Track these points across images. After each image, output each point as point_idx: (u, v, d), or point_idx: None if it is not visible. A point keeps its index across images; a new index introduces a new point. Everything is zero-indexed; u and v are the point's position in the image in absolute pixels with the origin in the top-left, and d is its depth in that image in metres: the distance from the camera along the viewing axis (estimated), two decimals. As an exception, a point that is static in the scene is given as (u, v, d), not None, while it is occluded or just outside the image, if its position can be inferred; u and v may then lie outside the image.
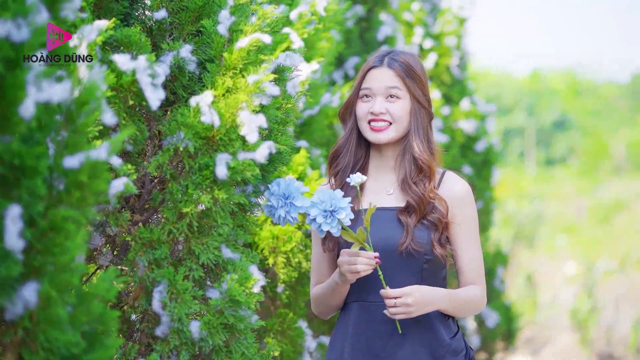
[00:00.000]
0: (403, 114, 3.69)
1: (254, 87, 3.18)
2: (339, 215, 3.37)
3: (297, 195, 3.40)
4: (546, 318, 13.97)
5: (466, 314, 3.76)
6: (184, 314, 3.12)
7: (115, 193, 2.98)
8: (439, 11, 9.32)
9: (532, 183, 27.88)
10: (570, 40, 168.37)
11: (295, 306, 4.44)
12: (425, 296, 3.55)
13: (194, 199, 3.15)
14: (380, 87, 3.71)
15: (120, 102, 3.07)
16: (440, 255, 3.61)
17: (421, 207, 3.63)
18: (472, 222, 3.71)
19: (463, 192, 3.71)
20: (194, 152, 3.17)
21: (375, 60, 3.77)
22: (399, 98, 3.69)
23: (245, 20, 3.30)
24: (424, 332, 3.61)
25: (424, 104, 3.71)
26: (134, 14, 3.35)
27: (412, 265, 3.61)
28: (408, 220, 3.61)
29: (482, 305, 3.75)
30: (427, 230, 3.61)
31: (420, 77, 3.72)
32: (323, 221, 3.38)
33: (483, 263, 3.75)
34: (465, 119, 8.86)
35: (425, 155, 3.66)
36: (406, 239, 3.58)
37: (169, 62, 3.25)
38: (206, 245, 3.21)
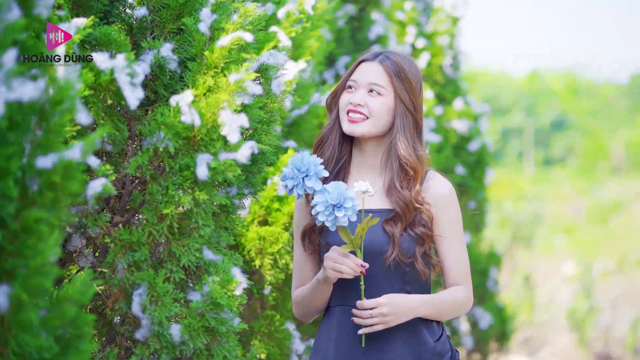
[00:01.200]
0: (383, 110, 3.63)
1: (236, 86, 3.13)
2: (338, 213, 3.32)
3: (312, 175, 3.34)
4: (544, 318, 13.92)
5: (452, 316, 3.72)
6: (164, 317, 3.07)
7: (93, 194, 2.93)
8: (432, 10, 9.27)
9: (531, 183, 27.86)
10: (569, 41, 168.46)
11: (283, 308, 4.38)
12: (402, 305, 3.52)
13: (174, 200, 3.10)
14: (365, 80, 3.66)
15: (99, 101, 3.02)
16: (421, 270, 3.58)
17: (407, 214, 3.58)
18: (456, 223, 3.66)
19: (446, 191, 3.66)
20: (174, 153, 3.12)
21: (369, 54, 3.73)
22: (380, 95, 3.64)
23: (227, 18, 3.24)
24: (408, 336, 3.57)
25: (410, 109, 3.65)
26: (114, 12, 3.30)
27: (395, 270, 3.58)
28: (394, 230, 3.57)
29: (468, 305, 3.71)
30: (413, 241, 3.58)
31: (409, 81, 3.66)
32: (322, 211, 3.33)
33: (468, 263, 3.70)
34: (459, 118, 8.81)
35: (412, 159, 3.61)
36: (393, 251, 3.55)
37: (150, 61, 3.20)
38: (187, 247, 3.16)
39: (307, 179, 3.34)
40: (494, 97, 36.13)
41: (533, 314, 13.92)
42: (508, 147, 34.42)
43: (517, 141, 34.40)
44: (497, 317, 9.06)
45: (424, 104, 8.02)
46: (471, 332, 8.81)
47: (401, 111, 3.64)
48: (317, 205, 3.33)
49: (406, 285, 3.59)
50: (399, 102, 3.64)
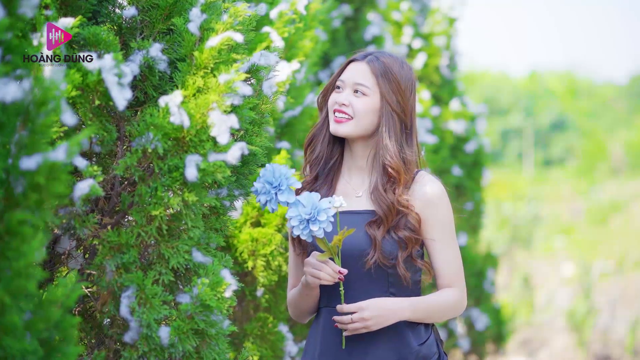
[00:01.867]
0: (366, 111, 3.61)
1: (225, 86, 3.10)
2: (313, 227, 3.33)
3: (285, 188, 3.35)
4: (543, 319, 13.89)
5: (443, 319, 3.68)
6: (152, 320, 3.04)
7: (81, 195, 2.90)
8: (428, 11, 9.24)
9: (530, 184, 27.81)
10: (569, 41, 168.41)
11: (276, 310, 4.36)
12: (384, 309, 3.50)
13: (163, 201, 3.07)
14: (351, 80, 3.65)
15: (86, 102, 2.99)
16: (402, 275, 3.55)
17: (389, 217, 3.56)
18: (446, 224, 3.63)
19: (434, 192, 3.62)
20: (163, 154, 3.09)
21: (359, 54, 3.72)
22: (365, 95, 3.62)
23: (216, 18, 3.22)
24: (391, 339, 3.55)
25: (396, 110, 3.62)
26: (103, 12, 3.27)
27: (377, 273, 3.56)
28: (376, 233, 3.55)
29: (461, 308, 3.68)
30: (395, 245, 3.55)
31: (397, 83, 3.63)
32: (297, 225, 3.33)
33: (461, 265, 3.67)
34: (455, 119, 8.77)
35: (395, 160, 3.58)
36: (374, 255, 3.53)
37: (139, 62, 3.17)
38: (176, 249, 3.13)
39: (280, 194, 3.35)
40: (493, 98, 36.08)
41: (532, 315, 13.88)
42: (507, 147, 34.37)
43: (516, 142, 34.33)
44: (494, 318, 9.03)
45: (420, 104, 8.05)
46: (467, 333, 8.78)
47: (387, 112, 3.62)
48: (291, 220, 3.34)
49: (391, 288, 3.57)
50: (384, 103, 3.62)
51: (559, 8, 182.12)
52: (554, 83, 39.40)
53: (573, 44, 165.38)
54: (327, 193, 3.70)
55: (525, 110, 35.76)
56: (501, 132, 34.54)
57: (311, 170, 3.75)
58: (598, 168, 31.05)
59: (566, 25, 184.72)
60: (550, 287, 15.58)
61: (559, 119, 36.17)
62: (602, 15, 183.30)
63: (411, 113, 3.68)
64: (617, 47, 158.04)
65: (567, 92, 38.29)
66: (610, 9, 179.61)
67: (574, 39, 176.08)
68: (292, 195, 3.36)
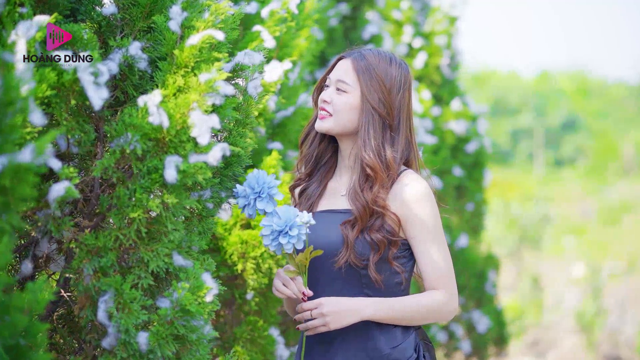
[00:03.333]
0: (345, 108, 3.56)
1: (206, 86, 3.02)
2: (282, 240, 3.29)
3: (265, 196, 3.31)
4: (551, 320, 13.84)
5: (425, 322, 3.56)
6: (131, 325, 2.97)
7: (56, 198, 2.83)
8: (429, 10, 9.16)
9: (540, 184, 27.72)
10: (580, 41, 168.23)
11: (266, 313, 4.28)
12: (343, 305, 3.43)
13: (142, 203, 3.00)
14: (335, 77, 3.62)
15: (62, 101, 2.92)
16: (373, 278, 3.47)
17: (364, 217, 3.49)
18: (428, 224, 3.52)
19: (414, 192, 3.52)
20: (142, 155, 3.02)
21: (348, 52, 3.67)
22: (345, 92, 3.57)
23: (198, 16, 3.14)
24: (360, 341, 3.48)
25: (377, 108, 3.54)
26: (82, 10, 3.19)
27: (348, 273, 3.50)
28: (349, 233, 3.48)
29: (447, 311, 3.55)
30: (368, 246, 3.47)
31: (380, 80, 3.56)
32: (267, 235, 3.30)
33: (448, 266, 3.55)
34: (456, 119, 8.70)
35: (371, 159, 3.51)
36: (346, 254, 3.46)
37: (118, 60, 3.10)
38: (156, 252, 3.06)
39: (259, 200, 3.31)
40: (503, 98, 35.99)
41: (541, 316, 13.84)
42: (517, 148, 34.27)
43: (526, 142, 34.24)
44: (496, 320, 8.94)
45: (421, 104, 7.98)
46: (468, 336, 8.70)
47: (367, 110, 3.55)
48: (264, 229, 3.30)
49: (365, 289, 3.50)
50: (364, 101, 3.55)
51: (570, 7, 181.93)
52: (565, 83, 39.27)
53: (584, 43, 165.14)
54: (317, 190, 3.66)
55: (535, 110, 35.65)
56: (511, 132, 34.44)
57: (305, 167, 3.71)
58: (609, 168, 30.96)
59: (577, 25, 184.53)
60: (559, 287, 15.52)
61: (570, 118, 36.03)
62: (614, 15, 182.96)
63: (399, 112, 3.59)
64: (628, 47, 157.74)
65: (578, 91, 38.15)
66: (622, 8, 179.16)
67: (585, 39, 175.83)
68: (272, 205, 3.32)
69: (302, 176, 3.71)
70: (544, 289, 14.87)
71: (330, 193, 3.66)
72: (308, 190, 3.68)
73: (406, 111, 3.62)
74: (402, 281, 3.55)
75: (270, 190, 3.30)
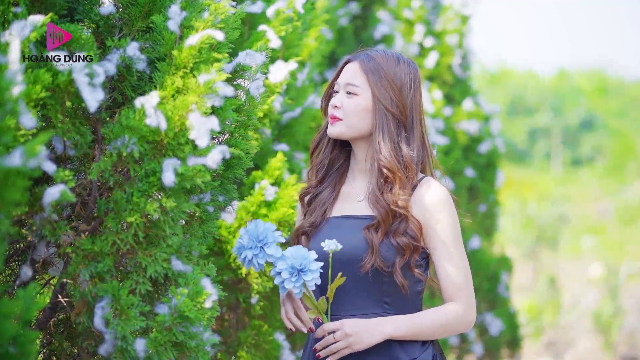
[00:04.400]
0: (357, 111, 3.48)
1: (205, 87, 2.96)
2: (306, 277, 3.20)
3: (271, 243, 3.22)
4: (569, 321, 13.77)
5: (443, 335, 3.48)
6: (128, 332, 2.90)
7: (51, 201, 2.77)
8: (441, 8, 9.08)
9: (558, 184, 27.58)
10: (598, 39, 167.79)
11: (271, 318, 4.22)
12: (364, 324, 3.35)
13: (139, 207, 2.93)
14: (343, 81, 3.54)
15: (57, 103, 2.85)
16: (400, 283, 3.39)
17: (387, 220, 3.41)
18: (448, 232, 3.44)
19: (435, 199, 3.44)
20: (139, 157, 2.96)
21: (354, 54, 3.60)
22: (355, 94, 3.49)
23: (197, 15, 3.08)
24: (378, 354, 3.38)
25: (390, 108, 3.47)
26: (80, 9, 3.13)
27: (372, 280, 3.41)
28: (373, 237, 3.40)
29: (465, 322, 3.47)
30: (393, 250, 3.39)
31: (390, 79, 3.49)
32: (288, 278, 3.21)
33: (467, 276, 3.47)
34: (468, 119, 8.62)
35: (388, 160, 3.43)
36: (372, 259, 3.38)
37: (116, 61, 3.04)
38: (154, 257, 2.99)
39: (267, 247, 3.22)
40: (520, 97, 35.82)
41: (558, 316, 13.77)
42: (535, 147, 34.08)
43: (544, 141, 34.04)
44: (508, 323, 8.85)
45: (432, 104, 7.91)
46: (481, 338, 8.61)
47: (380, 111, 3.48)
48: (281, 272, 3.21)
49: (385, 297, 3.41)
50: (376, 102, 3.48)
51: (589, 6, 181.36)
52: (583, 81, 39.04)
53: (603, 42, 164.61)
54: (331, 196, 3.58)
55: (553, 109, 35.46)
56: (529, 131, 34.27)
57: (317, 174, 3.63)
58: (628, 167, 30.76)
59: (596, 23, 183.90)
60: (576, 288, 15.43)
61: (588, 117, 35.81)
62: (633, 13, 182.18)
63: (411, 111, 3.52)
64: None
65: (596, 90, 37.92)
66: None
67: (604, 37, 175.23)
68: (279, 249, 3.24)
69: (313, 183, 3.64)
70: (561, 289, 14.79)
71: (345, 198, 3.58)
72: (320, 196, 3.60)
73: (418, 110, 3.56)
74: (422, 290, 3.49)
75: (274, 235, 3.23)
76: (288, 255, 3.21)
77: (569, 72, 41.29)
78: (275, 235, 3.23)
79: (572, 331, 13.47)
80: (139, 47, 3.08)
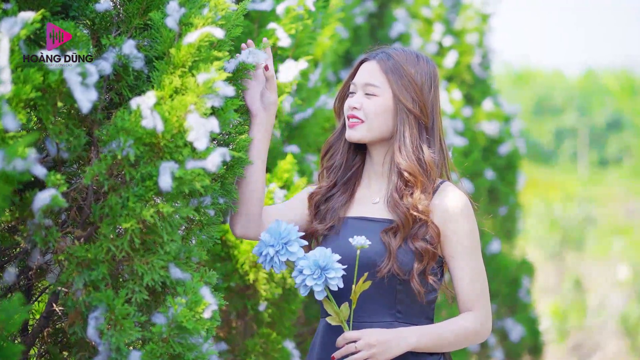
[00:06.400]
0: (378, 112, 3.33)
1: (204, 87, 2.83)
2: (329, 275, 3.08)
3: (294, 241, 3.11)
4: (595, 324, 13.66)
5: (459, 347, 3.33)
6: (122, 343, 2.77)
7: (41, 207, 2.65)
8: (460, 7, 8.96)
9: (584, 185, 27.40)
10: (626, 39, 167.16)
11: (281, 325, 4.09)
12: (387, 334, 3.20)
13: (135, 213, 2.80)
14: (361, 81, 3.38)
15: (48, 104, 2.73)
16: (416, 290, 3.25)
17: (406, 224, 3.27)
18: (467, 240, 3.30)
19: (456, 206, 3.30)
20: (135, 161, 2.83)
21: (370, 53, 3.45)
22: (375, 95, 3.34)
23: (197, 12, 2.95)
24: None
25: (412, 108, 3.33)
26: (75, 6, 3.00)
27: (387, 286, 3.27)
28: (391, 241, 3.26)
29: (481, 334, 3.33)
30: (412, 255, 3.25)
31: (411, 78, 3.34)
32: (310, 275, 3.08)
33: (484, 286, 3.34)
34: (488, 120, 8.50)
35: (409, 163, 3.29)
36: (388, 263, 3.24)
37: (112, 60, 2.91)
38: (151, 265, 2.86)
39: (290, 245, 3.10)
40: (546, 97, 35.64)
41: (584, 319, 13.67)
42: (561, 148, 33.91)
43: (570, 142, 33.85)
44: (530, 328, 8.72)
45: (451, 105, 7.78)
46: (501, 344, 8.49)
47: (401, 112, 3.33)
48: (303, 270, 3.09)
49: (398, 305, 3.27)
50: (398, 102, 3.33)
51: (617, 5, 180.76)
52: (610, 81, 38.75)
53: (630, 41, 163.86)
54: (345, 198, 3.43)
55: (579, 109, 35.24)
56: (555, 131, 34.10)
57: (329, 177, 3.48)
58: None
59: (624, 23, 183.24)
60: (603, 290, 15.31)
61: (615, 117, 35.55)
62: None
63: (432, 111, 3.38)
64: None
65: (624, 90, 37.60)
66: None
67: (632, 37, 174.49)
68: (302, 250, 3.13)
69: (324, 185, 3.48)
70: (587, 292, 14.68)
71: (360, 201, 3.44)
72: (333, 199, 3.46)
73: (438, 110, 3.43)
74: (435, 299, 3.36)
75: (297, 235, 3.13)
76: (311, 255, 3.11)
77: (596, 72, 41.04)
78: (297, 234, 3.12)
79: (598, 334, 13.42)
80: (136, 45, 2.95)
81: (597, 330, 13.55)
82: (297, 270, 3.10)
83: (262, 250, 3.13)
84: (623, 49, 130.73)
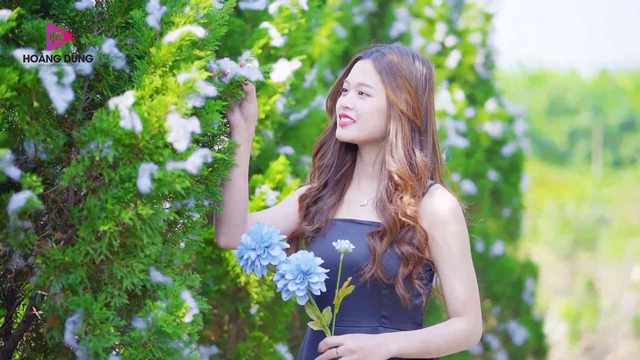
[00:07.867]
0: (371, 112, 3.27)
1: (185, 87, 2.77)
2: (311, 279, 3.00)
3: (275, 245, 3.04)
4: (608, 325, 13.59)
5: (447, 353, 3.26)
6: (100, 348, 2.72)
7: (16, 209, 2.60)
8: (463, 6, 8.90)
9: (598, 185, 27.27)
10: None
11: (273, 329, 4.04)
12: (369, 340, 3.13)
13: (114, 215, 2.74)
14: (355, 80, 3.32)
15: (24, 104, 2.67)
16: (401, 295, 3.18)
17: (394, 230, 3.20)
18: (455, 243, 3.24)
19: (444, 209, 3.24)
20: (114, 162, 2.77)
21: (365, 51, 3.40)
22: (369, 95, 3.28)
23: (178, 10, 2.89)
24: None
25: (405, 110, 3.26)
26: (55, 4, 2.95)
27: (371, 291, 3.21)
28: (377, 245, 3.20)
29: (471, 338, 3.27)
30: (397, 260, 3.19)
31: (406, 80, 3.28)
32: (292, 279, 3.01)
33: (474, 290, 3.27)
34: (491, 121, 8.43)
35: (400, 166, 3.23)
36: (372, 268, 3.18)
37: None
38: (131, 268, 2.80)
39: (272, 249, 3.03)
40: (560, 97, 35.53)
41: (596, 321, 13.61)
42: (575, 148, 33.78)
43: (584, 142, 33.71)
44: (533, 331, 8.65)
45: (454, 105, 7.72)
46: (505, 347, 8.42)
47: (394, 113, 3.27)
48: (285, 274, 3.01)
49: (382, 309, 3.21)
50: (391, 104, 3.27)
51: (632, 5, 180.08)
52: (625, 81, 38.59)
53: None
54: (335, 199, 3.38)
55: (594, 110, 35.11)
56: (569, 132, 33.98)
57: (320, 177, 3.43)
58: (670, 168, 30.51)
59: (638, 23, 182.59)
60: (616, 291, 15.22)
61: (630, 118, 35.38)
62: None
63: (426, 113, 3.32)
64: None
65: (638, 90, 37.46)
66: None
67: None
68: (284, 253, 3.05)
69: (315, 186, 3.44)
70: (600, 293, 14.61)
71: (349, 202, 3.39)
72: (322, 202, 3.40)
73: (432, 112, 3.37)
74: (422, 304, 3.28)
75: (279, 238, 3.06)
76: (293, 258, 3.03)
77: (611, 72, 40.88)
78: (279, 238, 3.05)
79: (611, 336, 13.37)
80: (117, 44, 2.90)
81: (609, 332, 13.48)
82: (279, 274, 3.04)
83: (243, 253, 3.06)
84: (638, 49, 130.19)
